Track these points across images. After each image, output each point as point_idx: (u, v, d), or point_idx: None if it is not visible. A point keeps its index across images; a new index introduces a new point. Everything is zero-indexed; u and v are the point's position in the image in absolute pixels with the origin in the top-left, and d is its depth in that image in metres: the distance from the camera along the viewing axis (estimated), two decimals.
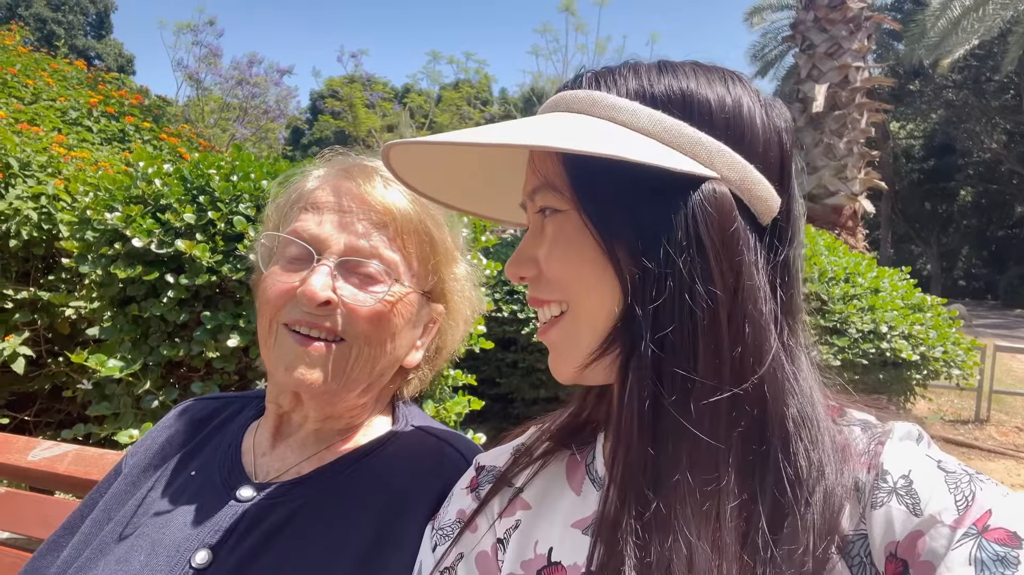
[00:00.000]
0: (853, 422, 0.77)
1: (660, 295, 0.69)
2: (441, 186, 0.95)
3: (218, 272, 2.59)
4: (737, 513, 0.67)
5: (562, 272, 0.76)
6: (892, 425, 0.75)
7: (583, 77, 0.79)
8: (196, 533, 1.00)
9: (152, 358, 2.63)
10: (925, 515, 0.63)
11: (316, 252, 1.03)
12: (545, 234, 0.79)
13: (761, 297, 0.71)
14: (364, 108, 22.15)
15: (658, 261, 0.69)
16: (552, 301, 0.79)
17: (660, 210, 0.70)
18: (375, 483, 1.07)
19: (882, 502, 0.66)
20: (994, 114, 33.68)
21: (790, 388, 0.72)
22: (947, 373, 5.36)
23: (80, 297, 3.38)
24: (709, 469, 0.68)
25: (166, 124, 6.69)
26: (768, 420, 0.70)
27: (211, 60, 22.78)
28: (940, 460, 0.68)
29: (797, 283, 0.77)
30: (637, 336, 0.70)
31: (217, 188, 2.71)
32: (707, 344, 0.69)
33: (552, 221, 0.78)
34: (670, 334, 0.69)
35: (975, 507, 0.62)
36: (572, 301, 0.77)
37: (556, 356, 0.81)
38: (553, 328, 0.79)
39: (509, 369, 5.32)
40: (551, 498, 0.88)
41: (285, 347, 1.03)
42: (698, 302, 0.68)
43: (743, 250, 0.71)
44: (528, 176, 0.81)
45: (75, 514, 1.16)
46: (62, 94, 5.45)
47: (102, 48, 46.78)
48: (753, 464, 0.70)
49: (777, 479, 0.68)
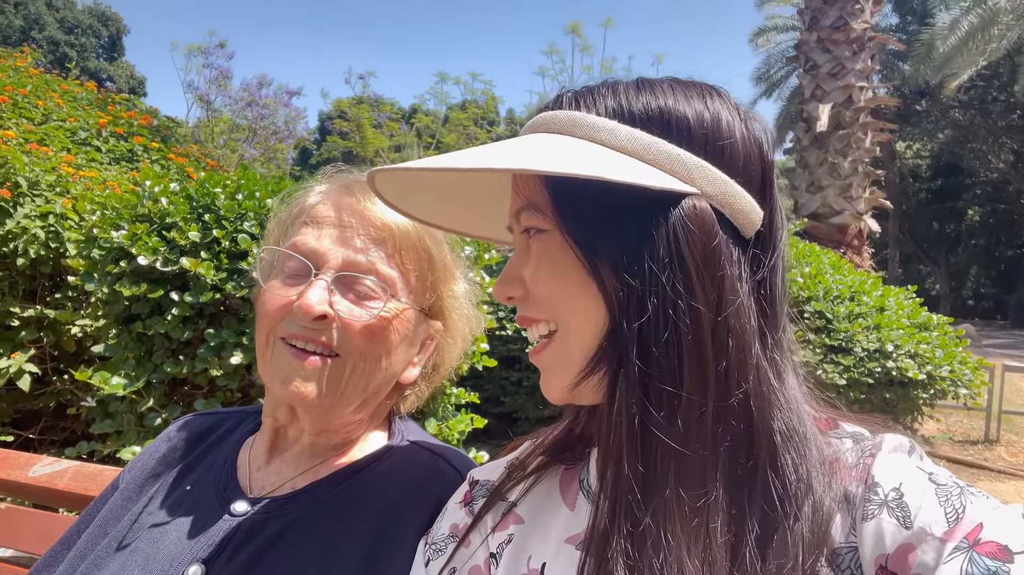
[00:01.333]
0: (844, 435, 0.76)
1: (644, 312, 0.69)
2: (432, 208, 0.96)
3: (222, 290, 2.61)
4: (726, 528, 0.67)
5: (548, 291, 0.77)
6: (883, 437, 0.74)
7: (563, 97, 0.80)
8: (190, 547, 1.00)
9: (156, 376, 2.64)
10: (915, 528, 0.62)
11: (314, 267, 1.04)
12: (531, 254, 0.79)
13: (744, 311, 0.71)
14: (372, 128, 22.31)
15: (642, 278, 0.69)
16: (541, 320, 0.79)
17: (642, 228, 0.70)
18: (370, 498, 1.07)
19: (873, 514, 0.65)
20: (1001, 134, 33.68)
21: (776, 401, 0.72)
22: (954, 392, 5.31)
23: (86, 315, 3.39)
24: (697, 484, 0.68)
25: (174, 144, 6.75)
26: (755, 434, 0.70)
27: (221, 82, 23.02)
28: (931, 473, 0.68)
29: (781, 295, 0.77)
30: (623, 354, 0.70)
31: (222, 206, 2.73)
32: (692, 360, 0.69)
33: (536, 241, 0.78)
34: (655, 351, 0.69)
35: (966, 520, 0.61)
36: (560, 320, 0.77)
37: (547, 377, 0.81)
38: (545, 350, 0.80)
39: (513, 387, 5.31)
40: (545, 513, 0.88)
41: (281, 361, 1.03)
42: (682, 318, 0.68)
43: (725, 265, 0.71)
44: (512, 197, 0.82)
45: (72, 529, 1.16)
46: (72, 114, 5.52)
47: (114, 70, 47.36)
48: (741, 478, 0.70)
49: (766, 493, 0.69)
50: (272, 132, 22.96)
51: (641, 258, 0.70)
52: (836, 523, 0.68)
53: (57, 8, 46.34)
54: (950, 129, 35.42)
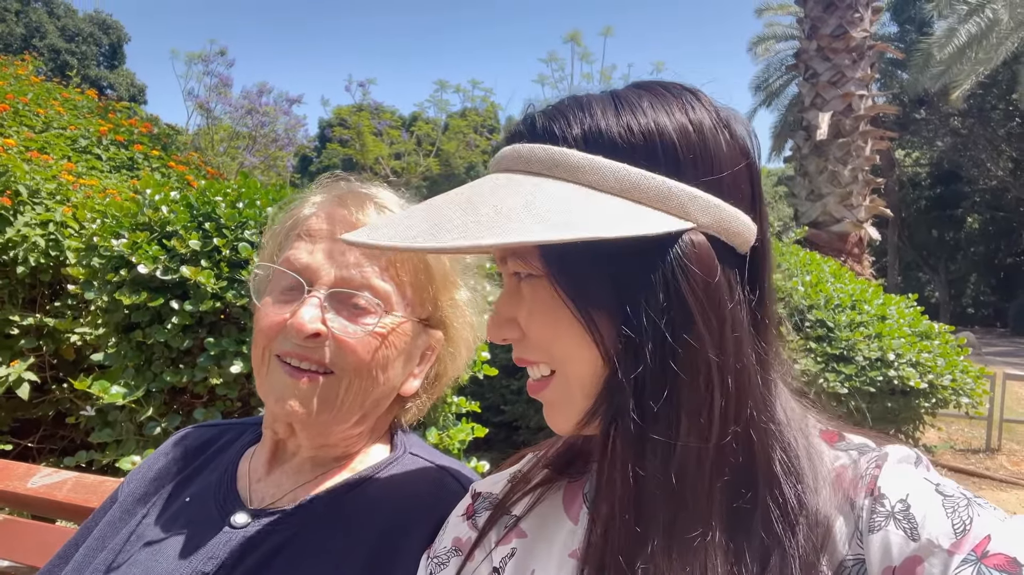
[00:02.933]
0: (850, 446, 0.76)
1: (640, 363, 0.67)
2: (429, 229, 0.91)
3: (222, 298, 2.60)
4: (726, 563, 0.67)
5: (544, 336, 0.75)
6: (889, 448, 0.74)
7: (535, 122, 0.75)
8: (189, 562, 0.99)
9: (155, 384, 2.63)
10: (923, 540, 0.62)
11: (307, 283, 1.03)
12: (522, 296, 0.77)
13: (745, 344, 0.70)
14: (372, 136, 22.31)
15: (639, 327, 0.67)
16: (539, 362, 0.77)
17: (637, 273, 0.68)
18: (371, 511, 1.06)
19: (880, 526, 0.65)
20: (1000, 142, 33.76)
21: (773, 427, 0.71)
22: (956, 401, 5.30)
23: (85, 323, 3.39)
24: (694, 528, 0.67)
25: (175, 152, 6.76)
26: (755, 464, 0.70)
27: (222, 90, 23.03)
28: (938, 484, 0.67)
29: (773, 308, 0.76)
30: (620, 406, 0.69)
31: (223, 215, 2.73)
32: (691, 409, 0.67)
33: (528, 285, 0.76)
34: (652, 404, 0.67)
35: (973, 532, 0.61)
36: (558, 365, 0.75)
37: (552, 412, 0.79)
38: (545, 389, 0.78)
39: (514, 396, 5.30)
40: (548, 527, 0.86)
41: (276, 378, 1.03)
42: (682, 367, 0.67)
43: (726, 301, 0.69)
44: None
45: (70, 543, 1.15)
46: (72, 122, 5.53)
47: (115, 78, 47.48)
48: (740, 512, 0.69)
49: (765, 522, 0.68)
50: (272, 140, 22.96)
51: (638, 305, 0.67)
52: (842, 535, 0.67)
53: (58, 16, 46.50)
54: (949, 137, 35.49)
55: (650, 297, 0.67)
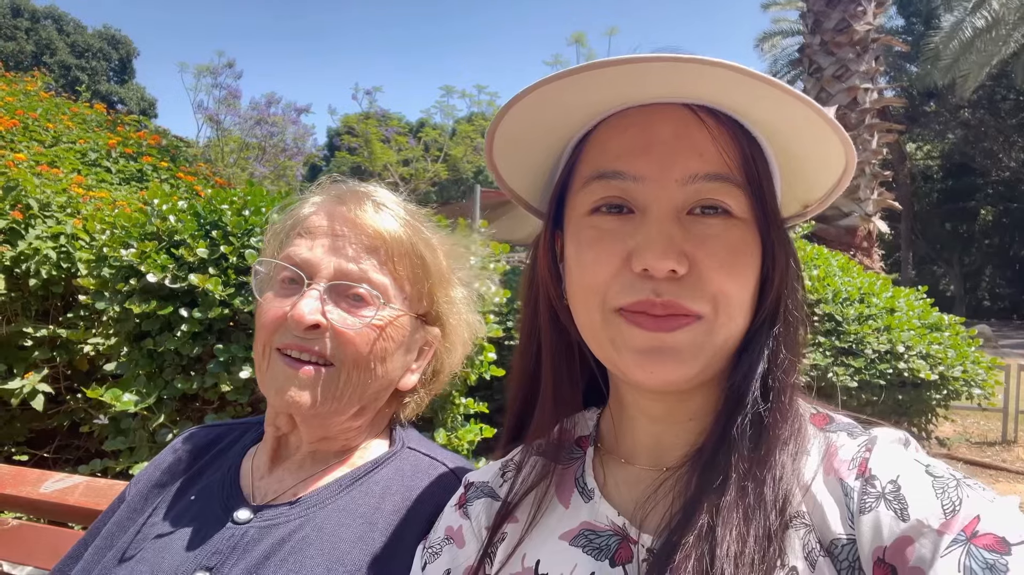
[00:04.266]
0: (838, 428, 0.77)
1: (780, 320, 0.77)
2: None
3: (230, 305, 2.63)
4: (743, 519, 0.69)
5: (721, 278, 0.71)
6: (879, 431, 0.75)
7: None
8: (194, 556, 1.01)
9: (167, 392, 2.66)
10: (913, 520, 0.62)
11: (307, 277, 1.05)
12: (697, 233, 0.72)
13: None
14: (380, 143, 22.40)
15: (791, 289, 0.77)
16: (693, 310, 0.71)
17: (788, 238, 0.78)
18: (371, 505, 1.08)
19: (871, 507, 0.66)
20: (1011, 132, 33.48)
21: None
22: (968, 392, 5.26)
23: (98, 334, 3.43)
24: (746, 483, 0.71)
25: (183, 163, 6.82)
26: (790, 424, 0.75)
27: (230, 101, 23.18)
28: (928, 465, 0.68)
29: None
30: (753, 363, 0.76)
31: (229, 223, 2.76)
32: (794, 367, 0.77)
33: (715, 222, 0.73)
34: (784, 354, 0.76)
35: (963, 512, 0.61)
36: (718, 312, 0.72)
37: (674, 360, 0.72)
38: (682, 330, 0.71)
39: None
40: (539, 511, 0.88)
41: (277, 371, 1.05)
42: (800, 335, 0.79)
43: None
44: (689, 155, 0.72)
45: (79, 543, 1.18)
46: (82, 136, 5.60)
47: (125, 93, 47.88)
48: (750, 472, 0.72)
49: (761, 479, 0.71)
50: (281, 150, 23.09)
51: (788, 266, 0.77)
52: (834, 515, 0.68)
53: (68, 33, 46.95)
54: (960, 129, 35.24)
55: (792, 260, 0.77)
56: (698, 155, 0.71)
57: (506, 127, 0.78)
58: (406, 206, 1.17)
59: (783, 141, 0.74)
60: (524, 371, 0.95)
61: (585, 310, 0.78)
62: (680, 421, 0.81)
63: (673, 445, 0.82)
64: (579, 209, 0.78)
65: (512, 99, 0.73)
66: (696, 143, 0.71)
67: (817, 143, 0.71)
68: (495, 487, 0.97)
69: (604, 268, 0.74)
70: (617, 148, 0.74)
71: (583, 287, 0.77)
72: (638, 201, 0.73)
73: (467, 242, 1.27)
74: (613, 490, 0.85)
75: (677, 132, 0.72)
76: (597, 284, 0.74)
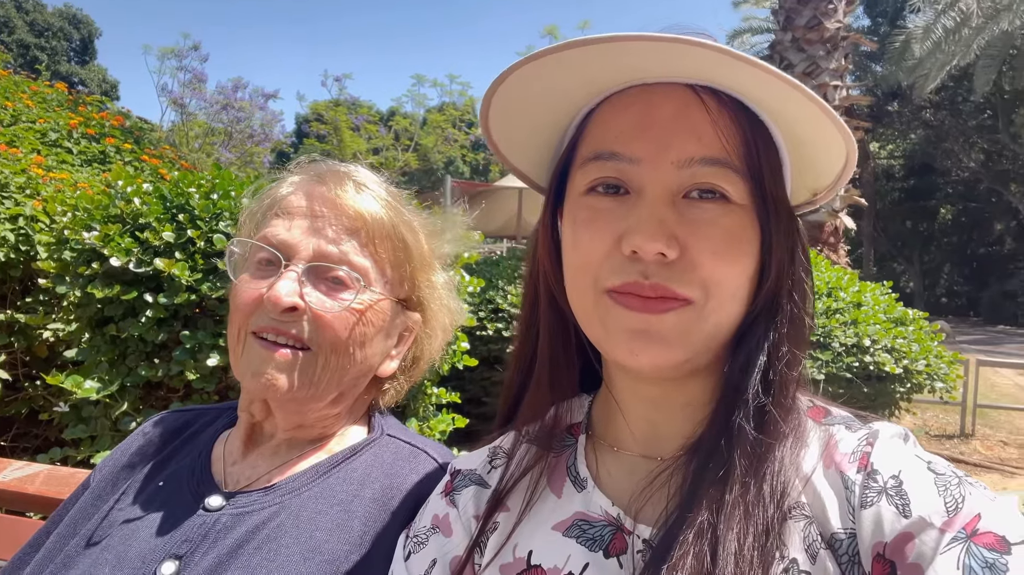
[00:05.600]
0: (836, 421, 0.76)
1: (780, 311, 0.74)
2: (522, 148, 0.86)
3: (197, 291, 2.57)
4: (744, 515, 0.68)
5: (722, 272, 0.70)
6: (879, 425, 0.75)
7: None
8: (163, 543, 0.97)
9: (130, 379, 2.59)
10: (914, 517, 0.62)
11: (284, 258, 1.02)
12: (691, 217, 0.70)
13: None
14: (349, 131, 22.21)
15: (796, 279, 0.75)
16: (682, 295, 0.70)
17: (796, 226, 0.76)
18: (349, 492, 1.05)
19: (872, 502, 0.65)
20: (972, 134, 34.22)
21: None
22: (930, 386, 5.38)
23: (58, 319, 3.33)
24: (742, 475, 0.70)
25: (148, 146, 6.65)
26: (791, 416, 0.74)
27: (196, 85, 22.78)
28: (930, 461, 0.68)
29: None
30: (752, 355, 0.73)
31: (197, 206, 2.69)
32: (798, 363, 0.75)
33: (710, 206, 0.71)
34: (785, 347, 0.74)
35: (964, 510, 0.61)
36: (709, 297, 0.70)
37: (661, 344, 0.70)
38: (671, 313, 0.70)
39: (495, 388, 5.30)
40: (531, 501, 0.86)
41: (252, 354, 1.01)
42: (804, 328, 0.76)
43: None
44: (687, 138, 0.70)
45: (41, 531, 1.12)
46: (42, 116, 5.42)
47: (86, 74, 46.70)
48: (750, 467, 0.70)
49: (761, 471, 0.70)
50: (248, 136, 22.77)
51: (796, 257, 0.76)
52: (834, 509, 0.67)
53: (27, 11, 45.62)
54: (922, 129, 35.92)
55: (802, 257, 0.76)
56: (696, 138, 0.70)
57: (505, 102, 0.76)
58: (387, 187, 1.14)
59: (788, 125, 0.72)
60: (522, 353, 0.93)
61: (577, 290, 0.76)
62: (675, 408, 0.80)
63: (668, 433, 0.80)
64: (577, 188, 0.77)
65: (505, 71, 0.72)
66: (695, 125, 0.70)
67: (817, 128, 0.70)
68: (483, 475, 0.94)
69: (596, 248, 0.72)
70: (616, 128, 0.73)
71: (576, 267, 0.76)
72: (634, 182, 0.72)
73: (449, 225, 1.24)
74: (606, 479, 0.83)
75: (676, 113, 0.70)
76: (589, 264, 0.73)
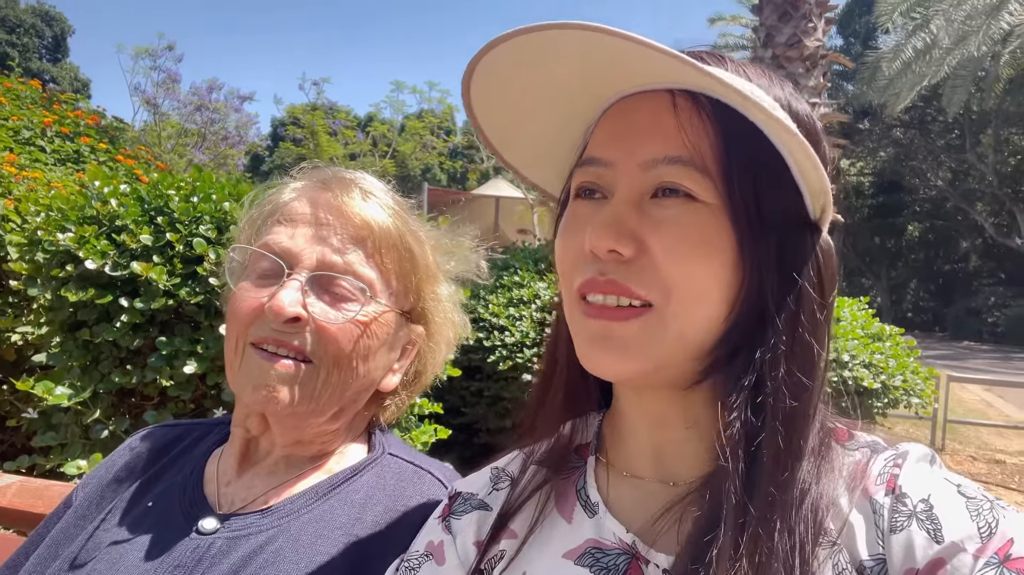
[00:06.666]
0: (862, 445, 0.74)
1: (772, 321, 0.68)
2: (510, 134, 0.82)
3: (175, 296, 2.49)
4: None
5: (675, 264, 0.66)
6: (906, 446, 0.72)
7: (693, 54, 0.71)
8: (153, 568, 0.91)
9: (103, 385, 2.51)
10: (947, 542, 0.60)
11: (287, 266, 0.97)
12: (655, 215, 0.68)
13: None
14: (326, 136, 22.06)
15: (798, 292, 0.69)
16: (640, 294, 0.67)
17: (803, 239, 0.71)
18: (350, 515, 1.00)
19: (902, 526, 0.63)
20: (940, 153, 34.94)
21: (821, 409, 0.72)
22: (907, 402, 5.43)
23: (28, 322, 3.22)
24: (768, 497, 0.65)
25: (123, 146, 6.52)
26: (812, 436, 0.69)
27: (169, 86, 22.49)
28: (960, 485, 0.66)
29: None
30: (741, 368, 0.68)
31: (176, 209, 2.62)
32: (804, 382, 0.68)
33: (682, 207, 0.67)
34: (782, 371, 0.67)
35: (998, 535, 0.59)
36: (668, 300, 0.67)
37: (621, 351, 0.68)
38: (633, 320, 0.67)
39: (474, 398, 5.25)
40: (540, 527, 0.81)
41: (252, 365, 0.97)
42: (807, 332, 0.69)
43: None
44: (653, 140, 0.68)
45: (19, 551, 1.06)
46: (15, 113, 5.28)
47: (57, 72, 45.87)
48: (773, 493, 0.65)
49: (786, 499, 0.65)
50: (223, 138, 22.51)
51: (796, 269, 0.69)
52: (862, 534, 0.65)
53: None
54: (892, 147, 36.62)
55: (811, 273, 0.70)
56: (662, 139, 0.68)
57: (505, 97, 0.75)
58: (393, 196, 1.10)
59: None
60: (549, 361, 0.88)
61: (564, 298, 0.75)
62: (678, 428, 0.76)
63: (677, 455, 0.77)
64: (571, 196, 0.77)
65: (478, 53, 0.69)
66: (664, 127, 0.68)
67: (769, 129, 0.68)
68: (485, 498, 0.90)
69: (571, 251, 0.73)
70: (600, 136, 0.74)
71: (560, 272, 0.75)
72: (608, 186, 0.71)
73: (456, 246, 1.20)
74: (618, 504, 0.79)
75: (651, 118, 0.69)
76: (566, 269, 0.74)
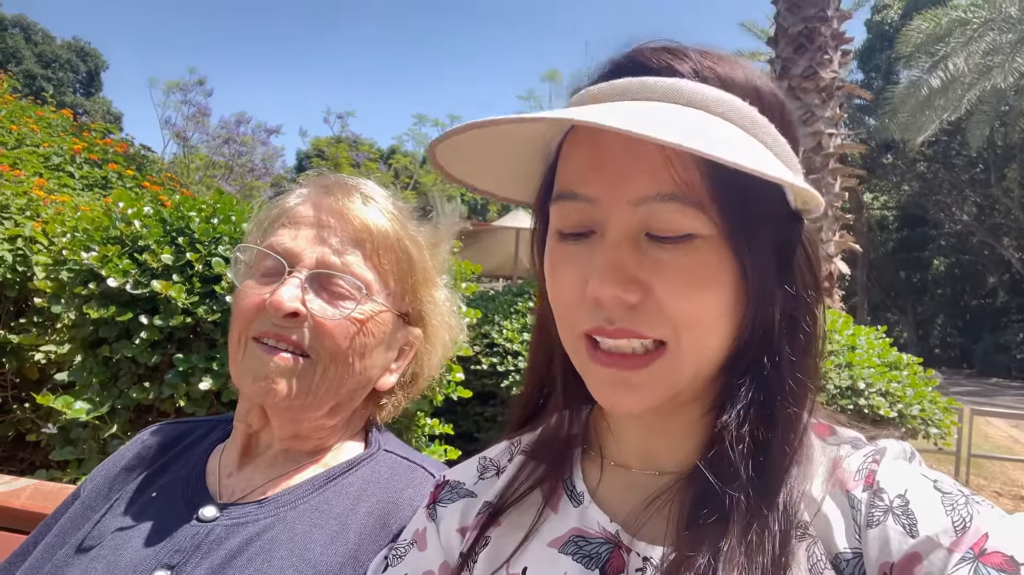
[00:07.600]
0: (842, 440, 0.75)
1: (774, 335, 0.70)
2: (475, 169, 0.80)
3: (193, 314, 2.56)
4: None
5: (684, 305, 0.65)
6: (885, 443, 0.73)
7: (651, 55, 0.69)
8: (154, 553, 0.95)
9: (121, 401, 2.56)
10: (922, 536, 0.61)
11: (288, 265, 1.03)
12: (655, 257, 0.66)
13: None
14: (350, 168, 22.37)
15: (795, 298, 0.70)
16: (651, 336, 0.66)
17: (790, 241, 0.70)
18: (345, 506, 1.04)
19: (878, 521, 0.64)
20: (964, 187, 34.64)
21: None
22: (924, 431, 5.33)
23: (51, 341, 3.31)
24: (746, 515, 0.66)
25: (149, 173, 6.68)
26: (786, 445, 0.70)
27: (199, 119, 23.00)
28: (936, 480, 0.66)
29: None
30: (754, 379, 0.70)
31: (197, 230, 2.70)
32: (812, 369, 0.73)
33: (683, 248, 0.65)
34: (790, 379, 0.70)
35: (972, 530, 0.60)
36: (680, 338, 0.66)
37: (637, 393, 0.69)
38: (649, 367, 0.67)
39: (488, 423, 5.24)
40: (526, 517, 0.83)
41: (252, 358, 1.01)
42: (803, 330, 0.72)
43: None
44: (638, 174, 0.65)
45: (29, 540, 1.11)
46: (46, 140, 5.45)
47: (91, 106, 47.04)
48: (758, 504, 0.67)
49: (771, 504, 0.67)
50: (249, 170, 22.93)
51: (793, 276, 0.70)
52: (840, 528, 0.66)
53: (36, 42, 46.21)
54: (915, 182, 36.35)
55: (803, 271, 0.71)
56: (648, 172, 0.64)
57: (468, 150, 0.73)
58: (394, 201, 1.15)
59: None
60: (536, 356, 0.91)
61: (562, 330, 0.74)
62: (673, 433, 0.78)
63: (668, 450, 0.78)
64: (552, 225, 0.73)
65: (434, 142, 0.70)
66: (648, 158, 0.64)
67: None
68: (472, 487, 0.92)
69: (568, 294, 0.70)
70: (575, 165, 0.70)
71: (555, 308, 0.74)
72: (597, 222, 0.68)
73: (444, 222, 1.24)
74: (604, 495, 0.81)
75: (626, 145, 0.65)
76: (564, 310, 0.72)
